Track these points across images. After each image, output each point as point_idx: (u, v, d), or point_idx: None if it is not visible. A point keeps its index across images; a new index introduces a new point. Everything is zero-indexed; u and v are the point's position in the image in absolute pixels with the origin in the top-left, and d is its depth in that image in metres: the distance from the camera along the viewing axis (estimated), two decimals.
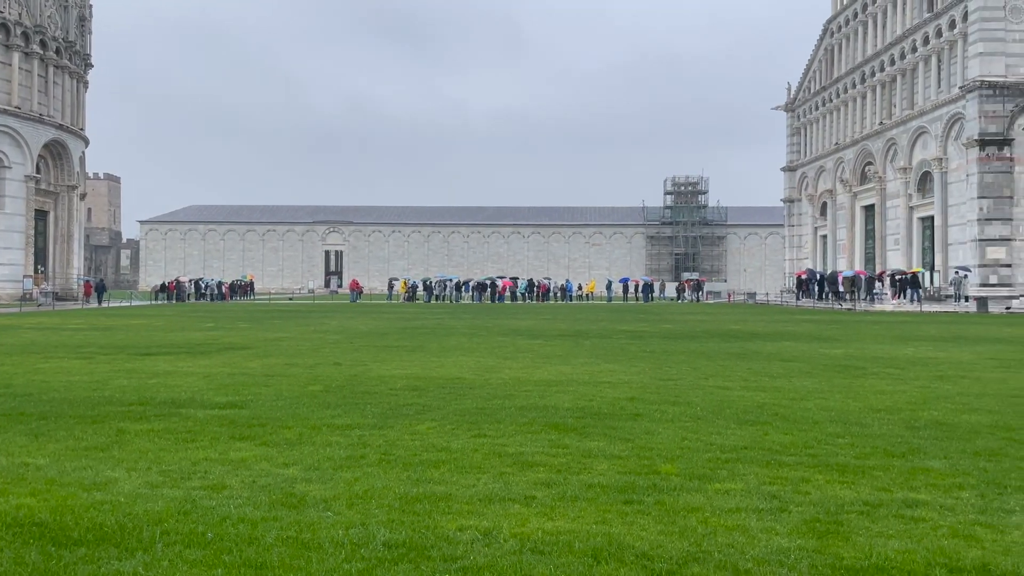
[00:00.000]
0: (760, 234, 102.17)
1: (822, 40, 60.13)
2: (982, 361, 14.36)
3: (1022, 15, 39.15)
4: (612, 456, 6.52)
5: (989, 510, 5.06)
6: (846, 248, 55.92)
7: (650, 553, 4.21)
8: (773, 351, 16.43)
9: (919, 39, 45.79)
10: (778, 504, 5.16)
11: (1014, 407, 9.13)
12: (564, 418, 8.24)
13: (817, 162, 60.51)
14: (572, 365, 13.49)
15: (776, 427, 7.85)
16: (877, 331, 23.05)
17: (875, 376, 12.07)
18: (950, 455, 6.62)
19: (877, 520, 4.84)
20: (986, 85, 38.70)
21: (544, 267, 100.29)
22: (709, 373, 12.41)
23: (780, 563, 4.09)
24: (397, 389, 10.38)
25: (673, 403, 9.30)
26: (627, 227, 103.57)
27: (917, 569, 4.01)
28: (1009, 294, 38.60)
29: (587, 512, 4.95)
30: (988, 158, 38.78)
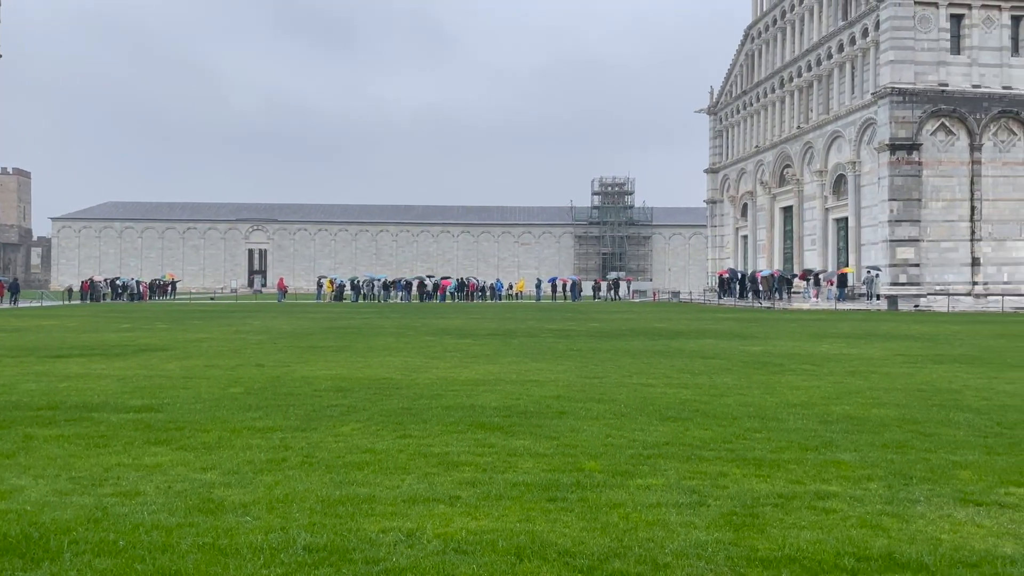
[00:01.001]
0: (684, 234, 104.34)
1: (743, 45, 61.76)
2: (891, 357, 14.99)
3: (930, 25, 41.03)
4: (537, 454, 6.56)
5: (896, 500, 5.28)
6: (766, 248, 57.59)
7: (572, 550, 4.25)
8: (695, 349, 16.80)
9: (834, 46, 47.48)
10: (697, 498, 5.28)
11: (920, 401, 9.55)
12: (491, 417, 8.26)
13: (738, 164, 62.14)
14: (500, 364, 13.52)
15: (697, 423, 8.03)
16: (794, 329, 23.81)
17: (791, 372, 12.47)
18: (860, 448, 6.89)
19: (790, 512, 5.00)
20: (896, 92, 40.40)
21: (474, 266, 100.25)
22: (634, 371, 12.61)
23: (698, 556, 4.19)
24: (321, 390, 10.22)
25: (598, 401, 9.42)
26: (556, 227, 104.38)
27: (827, 559, 4.16)
28: (917, 292, 40.40)
29: (511, 511, 4.96)
30: (898, 162, 40.51)
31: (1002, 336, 20.79)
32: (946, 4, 40.88)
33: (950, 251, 40.86)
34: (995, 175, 41.02)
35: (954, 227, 40.89)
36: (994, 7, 41.07)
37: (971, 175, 40.83)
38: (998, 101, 40.75)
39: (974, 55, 41.04)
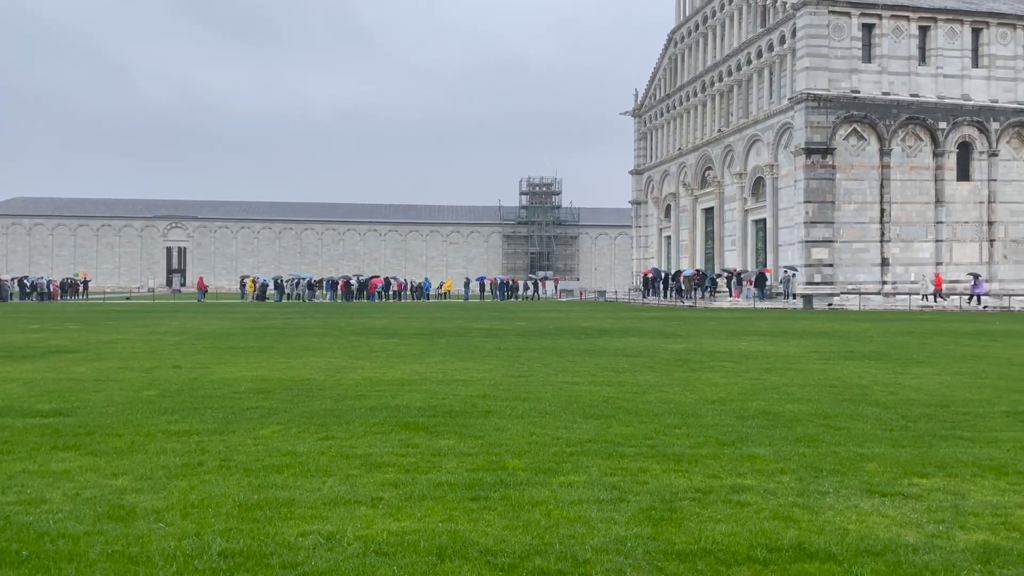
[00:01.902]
0: (610, 234, 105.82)
1: (666, 49, 63.00)
2: (806, 354, 15.52)
3: (843, 33, 42.63)
4: (461, 454, 6.56)
5: (806, 492, 5.47)
6: (688, 248, 58.90)
7: (494, 548, 4.27)
8: (620, 347, 17.05)
9: (753, 52, 48.89)
10: (618, 494, 5.37)
11: (831, 396, 9.92)
12: (415, 417, 8.21)
13: (662, 166, 63.35)
14: (426, 364, 13.46)
15: (619, 420, 8.16)
16: (715, 327, 24.42)
17: (711, 369, 12.79)
18: (774, 442, 7.11)
19: (707, 506, 5.13)
20: (811, 97, 41.85)
21: (402, 265, 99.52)
22: (559, 369, 12.73)
23: (617, 551, 4.26)
24: (241, 392, 9.99)
25: (523, 399, 9.47)
26: (484, 226, 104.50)
27: (741, 550, 4.28)
28: (831, 291, 41.94)
29: (434, 511, 4.95)
30: (813, 165, 41.97)
31: (908, 333, 21.76)
32: (858, 13, 42.53)
33: (862, 252, 42.55)
34: (903, 179, 42.90)
35: (865, 229, 42.59)
36: (903, 17, 42.94)
37: (881, 179, 42.61)
38: (906, 108, 42.63)
39: (884, 63, 42.83)
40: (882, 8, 42.64)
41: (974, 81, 43.43)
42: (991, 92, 43.51)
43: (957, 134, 43.22)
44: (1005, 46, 43.62)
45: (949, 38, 43.26)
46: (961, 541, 4.49)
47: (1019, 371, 12.78)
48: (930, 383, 11.20)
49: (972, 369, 12.98)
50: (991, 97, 43.46)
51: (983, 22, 43.41)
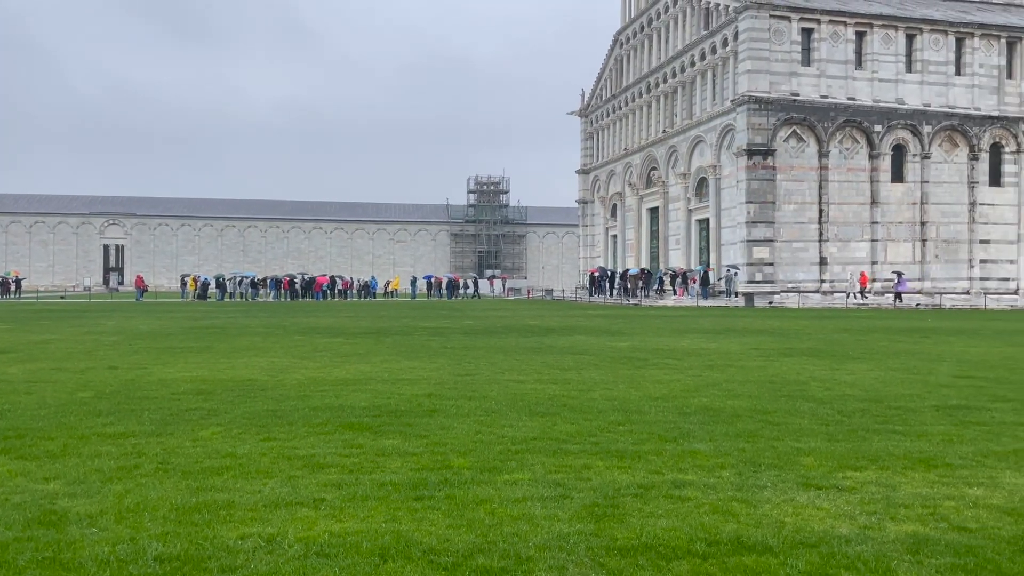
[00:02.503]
0: (557, 233, 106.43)
1: (612, 50, 63.59)
2: (746, 351, 15.84)
3: (783, 37, 43.60)
4: (406, 453, 6.53)
5: (745, 487, 5.59)
6: (633, 247, 59.57)
7: (437, 548, 4.26)
8: (566, 345, 17.16)
9: (697, 55, 49.66)
10: (561, 491, 5.41)
11: (770, 392, 10.15)
12: (360, 417, 8.14)
13: (608, 166, 63.94)
14: (371, 363, 13.35)
15: (564, 417, 8.21)
16: (659, 325, 24.75)
17: (655, 367, 12.96)
18: (715, 438, 7.24)
19: (649, 501, 5.20)
20: (753, 100, 42.71)
21: (348, 264, 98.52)
22: (506, 367, 12.75)
23: (560, 548, 4.29)
24: (180, 393, 9.77)
25: (469, 398, 9.47)
26: (432, 224, 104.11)
27: (681, 545, 4.35)
28: (771, 290, 42.87)
29: (377, 511, 4.92)
30: (755, 166, 42.84)
31: (845, 331, 22.37)
32: (798, 18, 43.53)
33: (801, 251, 43.58)
34: (840, 180, 44.06)
35: (804, 228, 43.63)
36: (840, 23, 44.09)
37: (820, 180, 43.69)
38: (843, 111, 43.79)
39: (823, 67, 43.92)
40: (820, 13, 43.72)
41: (908, 85, 44.82)
42: (924, 96, 44.96)
43: (892, 137, 44.55)
44: (937, 52, 45.11)
45: (884, 43, 44.57)
46: (892, 532, 4.63)
47: (949, 367, 13.24)
48: (865, 379, 11.53)
49: (904, 365, 13.41)
50: (924, 101, 44.91)
51: (916, 28, 44.83)
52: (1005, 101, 45.87)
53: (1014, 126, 45.66)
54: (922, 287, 44.61)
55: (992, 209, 45.83)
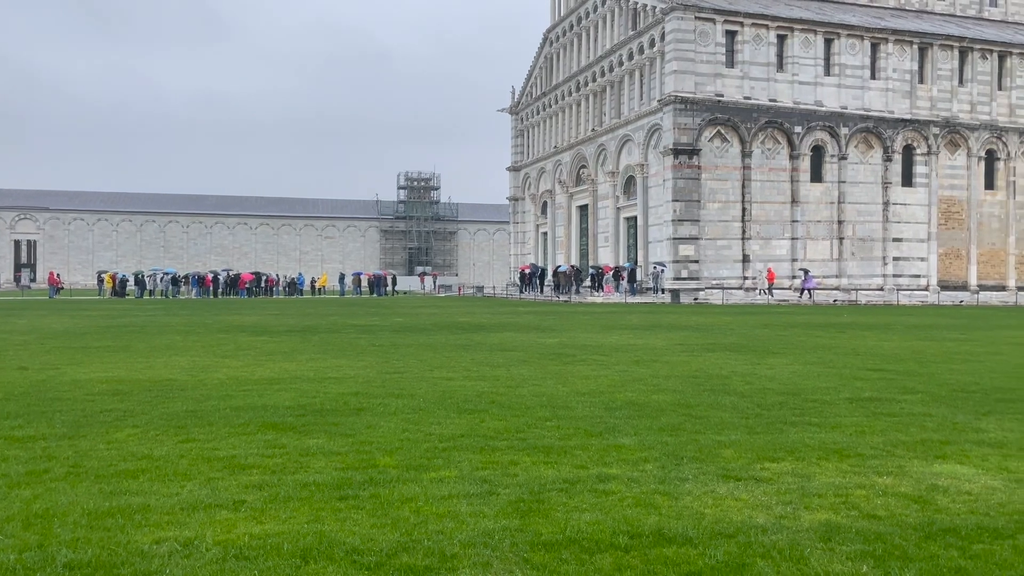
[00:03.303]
0: (489, 230, 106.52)
1: (542, 48, 63.91)
2: (671, 347, 16.15)
3: (708, 39, 44.54)
4: (331, 453, 6.44)
5: (667, 480, 5.70)
6: (564, 244, 60.06)
7: (361, 547, 4.22)
8: (496, 342, 17.19)
9: (625, 54, 50.32)
10: (488, 488, 5.42)
11: (694, 387, 10.37)
12: (283, 417, 8.00)
13: (539, 163, 64.28)
14: (297, 362, 13.12)
15: (492, 414, 8.23)
16: (588, 321, 25.02)
17: (583, 363, 13.10)
18: (639, 432, 7.36)
19: (574, 496, 5.26)
20: (679, 100, 43.52)
21: (274, 260, 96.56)
22: (435, 365, 12.70)
23: (484, 544, 4.29)
24: (94, 394, 9.42)
25: (397, 396, 9.40)
26: (361, 220, 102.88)
27: (604, 538, 4.41)
28: (697, 287, 43.82)
29: (300, 512, 4.84)
30: (680, 166, 43.69)
31: (766, 326, 23.03)
32: (722, 20, 44.53)
33: (725, 249, 44.66)
34: (762, 180, 45.29)
35: (728, 227, 44.70)
36: (762, 26, 45.28)
37: (743, 179, 44.82)
38: (765, 112, 45.00)
39: (746, 69, 45.04)
40: (744, 16, 44.82)
41: (826, 88, 46.34)
42: (841, 99, 46.56)
43: (811, 138, 46.00)
44: (854, 56, 46.78)
45: (804, 47, 45.97)
46: (806, 521, 4.79)
47: (862, 360, 13.77)
48: (784, 373, 11.89)
49: (821, 359, 13.88)
50: (841, 104, 46.50)
51: (834, 33, 46.38)
52: (917, 105, 47.88)
53: (925, 129, 47.71)
54: (839, 284, 46.24)
55: (904, 208, 47.79)
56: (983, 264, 49.40)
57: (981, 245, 49.28)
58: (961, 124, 48.26)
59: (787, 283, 44.70)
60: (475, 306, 38.89)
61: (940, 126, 47.84)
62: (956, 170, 48.70)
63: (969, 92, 48.79)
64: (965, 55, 48.64)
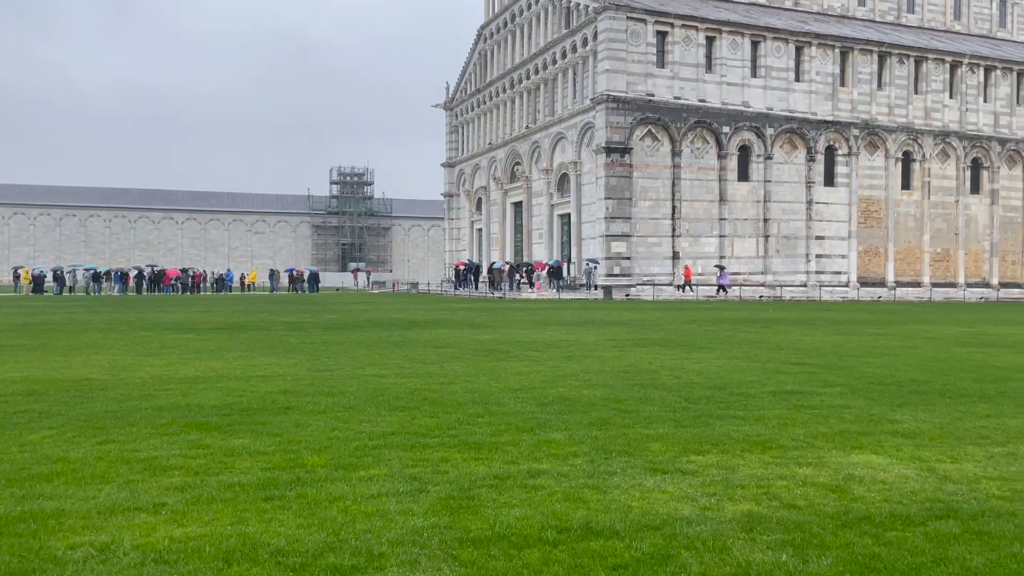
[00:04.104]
0: (423, 226, 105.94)
1: (477, 44, 63.85)
2: (603, 342, 16.34)
3: (640, 39, 45.19)
4: (257, 452, 6.31)
5: (596, 474, 5.76)
6: (498, 241, 60.17)
7: (286, 548, 4.15)
8: (429, 338, 17.11)
9: (558, 52, 50.66)
10: (418, 485, 5.39)
11: (624, 381, 10.52)
12: (208, 416, 7.80)
13: (473, 160, 64.22)
14: (224, 360, 12.81)
15: (424, 411, 8.19)
16: (522, 318, 25.12)
17: (516, 359, 13.15)
18: (570, 427, 7.43)
19: (504, 492, 5.27)
20: (611, 99, 44.05)
21: (202, 256, 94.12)
22: (366, 362, 12.57)
23: (413, 542, 4.27)
24: (8, 395, 9.02)
25: (327, 394, 9.27)
26: (292, 215, 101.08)
27: (532, 533, 4.44)
28: (628, 283, 44.46)
29: (223, 514, 4.73)
30: (613, 164, 44.24)
31: (694, 321, 23.50)
32: (653, 21, 45.22)
33: (656, 246, 45.41)
34: (691, 179, 46.21)
35: (659, 224, 45.48)
36: (692, 27, 46.16)
37: (673, 178, 45.65)
38: (694, 112, 45.91)
39: (676, 70, 45.85)
40: (674, 17, 45.60)
41: (753, 90, 47.52)
42: (767, 100, 47.81)
43: (738, 138, 47.13)
44: (779, 59, 48.07)
45: (732, 49, 47.04)
46: (729, 512, 4.91)
47: (786, 354, 14.18)
48: (711, 367, 12.16)
49: (747, 353, 14.24)
50: (767, 105, 47.75)
51: (761, 35, 47.58)
52: (839, 107, 49.49)
53: (846, 130, 49.36)
54: (764, 280, 47.51)
55: (827, 207, 49.37)
56: (900, 261, 51.41)
57: (898, 243, 51.26)
58: (880, 126, 50.11)
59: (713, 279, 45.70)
60: (409, 303, 38.65)
61: (860, 128, 49.57)
62: (875, 171, 50.55)
63: (887, 95, 50.68)
64: (884, 59, 50.49)
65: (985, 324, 23.85)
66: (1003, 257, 54.05)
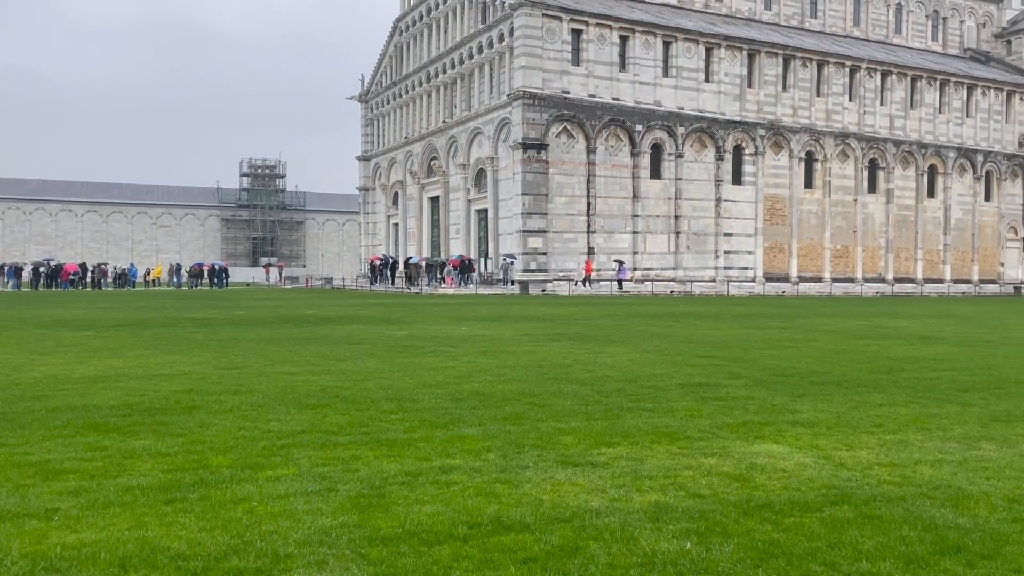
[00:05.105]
0: (338, 220, 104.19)
1: (392, 37, 63.14)
2: (519, 337, 16.44)
3: (555, 37, 45.54)
4: (158, 454, 6.09)
5: (508, 468, 5.79)
6: (415, 236, 59.73)
7: (187, 552, 4.01)
8: (343, 334, 16.86)
9: (475, 47, 50.59)
10: (327, 484, 5.30)
11: (538, 376, 10.60)
12: (107, 417, 7.48)
13: (389, 154, 63.52)
14: (125, 358, 12.31)
15: (336, 408, 8.06)
16: (438, 313, 25.03)
17: (431, 354, 13.09)
18: (484, 422, 7.44)
19: (415, 488, 5.24)
20: (527, 95, 44.26)
21: (103, 250, 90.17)
22: (277, 359, 12.29)
23: (321, 542, 4.20)
24: None
25: (234, 392, 9.02)
26: (200, 208, 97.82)
27: (443, 529, 4.43)
28: (545, 278, 44.83)
29: (121, 518, 4.54)
30: (529, 160, 44.49)
31: (608, 316, 23.90)
32: (568, 19, 45.64)
33: (571, 241, 45.92)
34: (606, 176, 46.90)
35: (574, 220, 46.00)
36: (606, 26, 46.80)
37: (588, 175, 46.23)
38: (609, 110, 46.59)
39: (590, 68, 46.41)
40: (589, 16, 46.13)
41: (665, 89, 48.54)
42: (678, 100, 48.92)
43: (651, 136, 48.08)
44: (690, 59, 49.25)
45: (645, 48, 47.93)
46: (637, 503, 5.01)
47: (695, 348, 14.56)
48: (622, 360, 12.38)
49: (657, 347, 14.57)
50: (678, 104, 48.86)
51: (672, 36, 48.63)
52: (746, 107, 51.07)
53: (752, 130, 50.98)
54: (676, 275, 48.66)
55: (734, 205, 50.91)
56: (803, 257, 53.48)
57: (801, 240, 53.31)
58: (784, 127, 51.96)
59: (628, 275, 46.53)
60: (323, 298, 37.98)
61: (766, 128, 51.28)
62: (780, 170, 52.39)
63: (792, 97, 52.57)
64: (788, 62, 52.35)
65: (880, 317, 25.07)
66: (897, 254, 56.88)
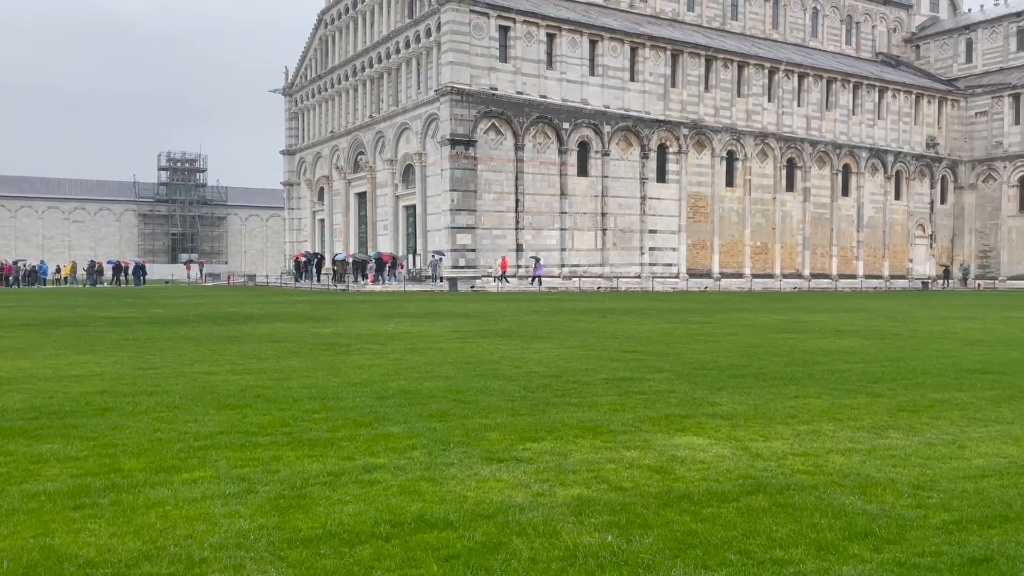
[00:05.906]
0: (262, 216, 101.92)
1: (317, 29, 62.07)
2: (447, 334, 16.38)
3: (483, 33, 45.51)
4: (67, 458, 5.85)
5: (433, 466, 5.77)
6: (342, 232, 58.90)
7: (96, 560, 3.87)
8: (266, 333, 16.51)
9: (402, 42, 50.15)
10: (246, 486, 5.18)
11: (465, 372, 10.59)
12: (12, 421, 7.15)
13: (315, 148, 62.46)
14: (33, 359, 11.79)
15: (256, 408, 7.89)
16: (365, 310, 24.75)
17: (357, 352, 12.93)
18: (409, 420, 7.39)
19: (338, 488, 5.17)
20: (455, 91, 44.12)
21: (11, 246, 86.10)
22: (195, 359, 11.95)
23: (238, 546, 4.10)
24: None
25: (150, 393, 8.74)
26: (116, 203, 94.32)
27: (365, 529, 4.38)
28: (474, 275, 44.81)
29: (25, 526, 4.35)
30: (458, 156, 44.37)
31: (536, 312, 24.04)
32: (496, 15, 45.67)
33: (500, 238, 46.01)
34: (534, 173, 47.15)
35: (503, 217, 46.11)
36: (533, 24, 47.01)
37: (516, 172, 46.38)
38: (536, 108, 46.82)
39: (518, 65, 46.55)
40: (516, 13, 46.25)
41: (591, 88, 49.06)
42: (604, 99, 49.51)
43: (578, 134, 48.54)
44: (615, 58, 49.89)
45: (571, 47, 48.33)
46: (560, 497, 5.05)
47: (619, 343, 14.78)
48: (549, 356, 12.48)
49: (583, 343, 14.73)
50: (604, 103, 49.45)
51: (598, 35, 49.17)
52: (670, 107, 52.04)
53: (676, 130, 52.00)
54: (602, 272, 49.29)
55: (659, 203, 51.85)
56: (724, 254, 54.85)
57: (723, 237, 54.66)
58: (707, 126, 53.15)
59: (556, 271, 46.91)
60: (245, 295, 37.10)
61: (689, 127, 52.37)
62: (702, 168, 53.58)
63: (714, 97, 53.80)
64: (711, 63, 53.55)
65: (797, 312, 25.91)
66: (814, 250, 58.87)
